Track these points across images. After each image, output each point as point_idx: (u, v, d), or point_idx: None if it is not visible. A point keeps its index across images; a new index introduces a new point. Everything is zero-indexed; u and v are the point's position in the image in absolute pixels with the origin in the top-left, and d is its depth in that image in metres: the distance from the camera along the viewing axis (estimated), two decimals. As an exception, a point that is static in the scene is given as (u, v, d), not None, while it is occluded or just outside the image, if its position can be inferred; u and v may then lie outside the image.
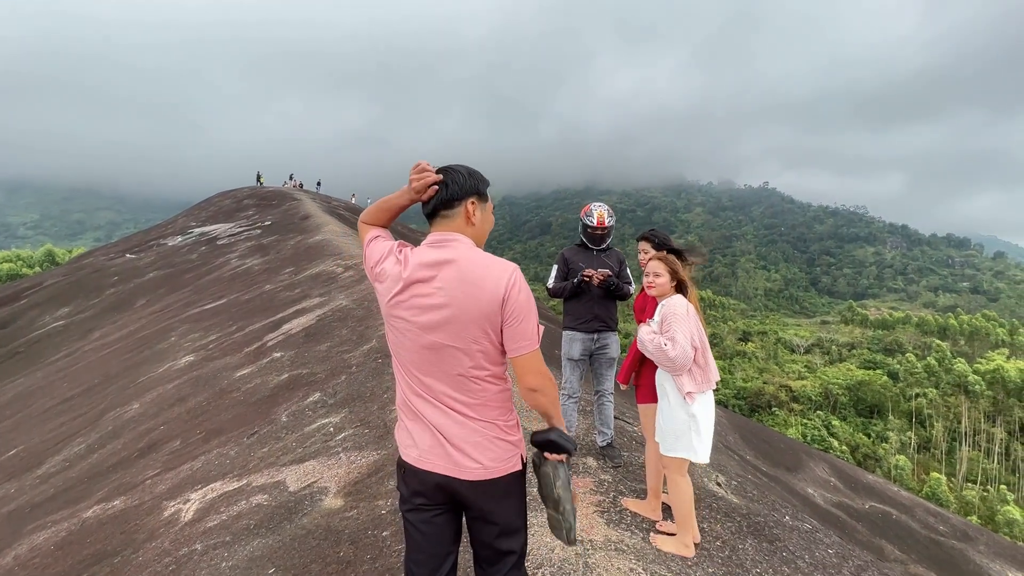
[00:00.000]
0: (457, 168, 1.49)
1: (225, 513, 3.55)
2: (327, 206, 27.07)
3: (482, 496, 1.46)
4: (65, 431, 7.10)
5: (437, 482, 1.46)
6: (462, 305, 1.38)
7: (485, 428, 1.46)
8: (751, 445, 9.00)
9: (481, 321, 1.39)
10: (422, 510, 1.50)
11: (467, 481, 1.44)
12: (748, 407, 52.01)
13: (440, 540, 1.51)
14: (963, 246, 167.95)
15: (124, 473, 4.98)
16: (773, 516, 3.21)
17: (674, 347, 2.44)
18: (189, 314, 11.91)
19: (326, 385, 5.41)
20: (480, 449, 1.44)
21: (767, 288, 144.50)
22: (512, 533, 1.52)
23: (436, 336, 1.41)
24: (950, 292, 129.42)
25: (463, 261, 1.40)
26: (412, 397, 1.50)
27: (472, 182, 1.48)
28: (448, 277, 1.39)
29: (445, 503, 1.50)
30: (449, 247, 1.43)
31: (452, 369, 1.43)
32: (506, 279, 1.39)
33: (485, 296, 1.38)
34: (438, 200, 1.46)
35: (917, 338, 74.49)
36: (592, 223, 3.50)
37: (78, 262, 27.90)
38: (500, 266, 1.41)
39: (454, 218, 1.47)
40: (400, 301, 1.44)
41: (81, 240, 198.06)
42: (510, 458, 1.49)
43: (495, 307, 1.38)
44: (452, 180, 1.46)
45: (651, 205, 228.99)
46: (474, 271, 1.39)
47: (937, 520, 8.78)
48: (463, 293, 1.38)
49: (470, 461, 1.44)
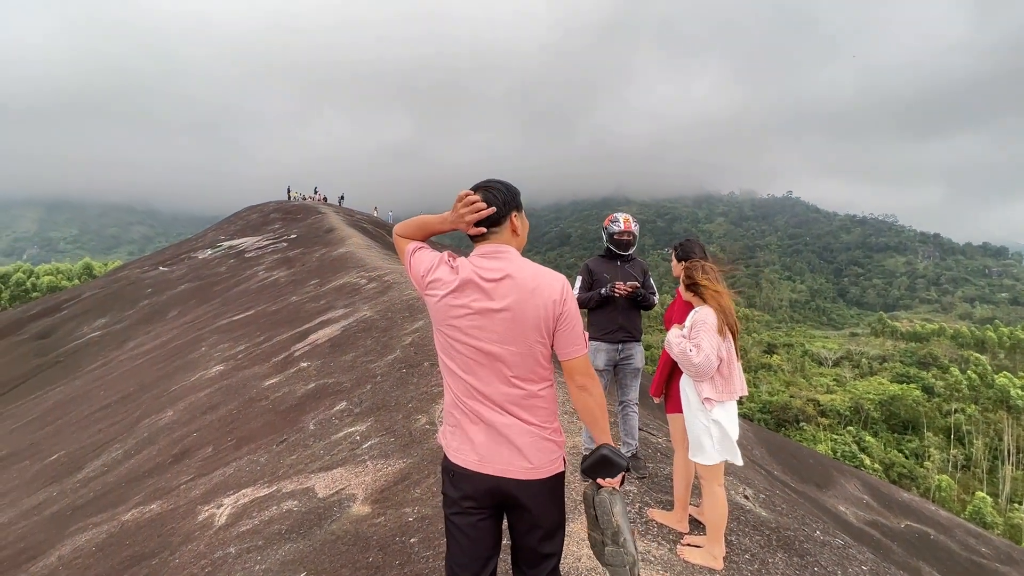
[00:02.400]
0: (495, 186, 1.55)
1: (257, 518, 3.64)
2: (350, 219, 27.65)
3: (529, 496, 1.51)
4: (103, 437, 7.38)
5: (488, 485, 1.50)
6: (519, 312, 1.45)
7: (534, 430, 1.52)
8: (779, 460, 8.78)
9: (538, 326, 1.47)
10: (469, 513, 1.53)
11: (517, 480, 1.49)
12: (775, 421, 50.51)
13: (484, 543, 1.55)
14: (1000, 255, 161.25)
15: (159, 478, 5.15)
16: (803, 530, 3.14)
17: (698, 353, 2.44)
18: (219, 325, 12.27)
19: (352, 394, 5.52)
20: (529, 450, 1.50)
21: (792, 299, 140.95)
22: (553, 535, 1.56)
23: (493, 341, 1.47)
24: (987, 303, 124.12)
25: (517, 271, 1.48)
26: (465, 400, 1.54)
27: (511, 196, 1.56)
28: (506, 285, 1.47)
29: (492, 506, 1.54)
30: (502, 258, 1.51)
31: (506, 372, 1.49)
32: (559, 288, 1.48)
33: (541, 303, 1.46)
34: (488, 223, 1.53)
35: (953, 351, 71.49)
36: (619, 228, 3.54)
37: (114, 275, 29.03)
38: (552, 276, 1.51)
39: (501, 232, 1.55)
40: (457, 306, 1.49)
41: (116, 254, 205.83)
42: (555, 459, 1.55)
43: (549, 314, 1.47)
44: (495, 200, 1.53)
45: (672, 215, 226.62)
46: (529, 280, 1.47)
47: (979, 541, 8.39)
48: (520, 300, 1.46)
49: (521, 461, 1.49)
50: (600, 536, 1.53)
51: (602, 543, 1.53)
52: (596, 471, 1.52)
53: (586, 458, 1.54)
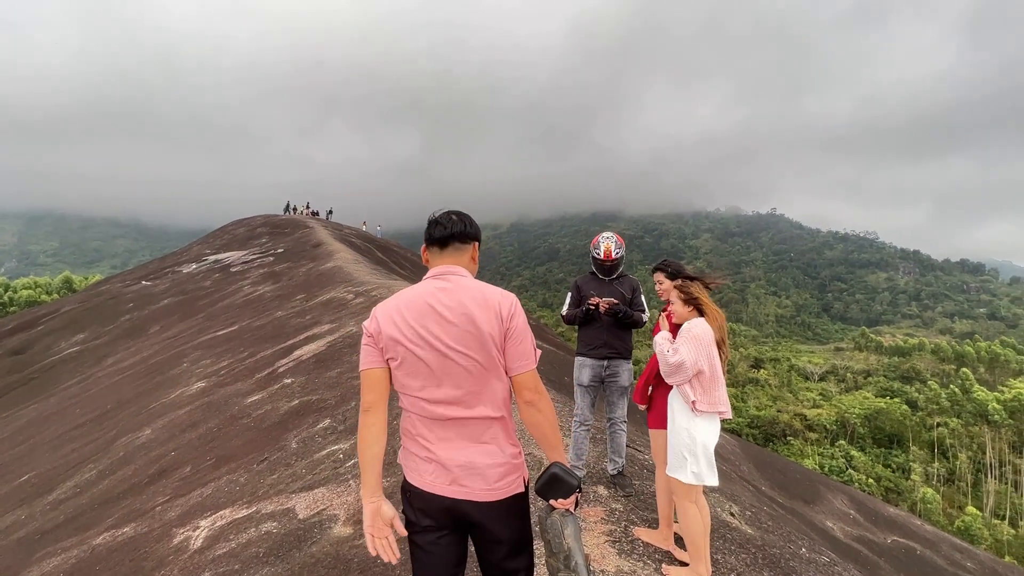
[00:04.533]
0: (467, 215, 1.67)
1: (234, 541, 3.54)
2: (339, 234, 27.52)
3: (488, 517, 1.50)
4: (77, 457, 7.14)
5: (445, 505, 1.50)
6: (469, 327, 1.49)
7: (490, 451, 1.52)
8: (766, 475, 8.78)
9: (486, 342, 1.49)
10: (429, 532, 1.53)
11: (474, 503, 1.49)
12: (762, 436, 50.65)
13: (447, 561, 1.54)
14: (978, 271, 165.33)
15: (134, 499, 4.99)
16: (789, 548, 3.13)
17: (675, 354, 2.54)
18: (201, 340, 12.04)
19: (336, 411, 5.43)
20: (485, 471, 1.50)
21: (778, 314, 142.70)
22: (518, 553, 1.55)
23: (444, 358, 1.49)
24: (967, 318, 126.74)
25: (467, 288, 1.55)
26: (417, 422, 1.56)
27: (476, 229, 1.67)
28: (454, 302, 1.51)
29: (451, 525, 1.54)
30: (452, 279, 1.58)
31: (458, 390, 1.50)
32: (507, 303, 1.53)
33: (489, 317, 1.50)
34: (455, 231, 1.61)
35: (935, 365, 72.65)
36: (599, 255, 3.55)
37: (95, 289, 28.45)
38: (500, 292, 1.56)
39: (464, 252, 1.64)
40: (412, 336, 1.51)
41: (98, 268, 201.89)
42: (514, 480, 1.54)
43: (497, 327, 1.50)
44: (467, 221, 1.64)
45: (659, 232, 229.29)
46: (477, 296, 1.53)
47: (964, 556, 8.43)
48: (469, 316, 1.49)
49: (477, 483, 1.49)
50: (555, 562, 1.47)
51: (556, 569, 1.48)
52: (548, 491, 1.48)
53: (540, 477, 1.50)
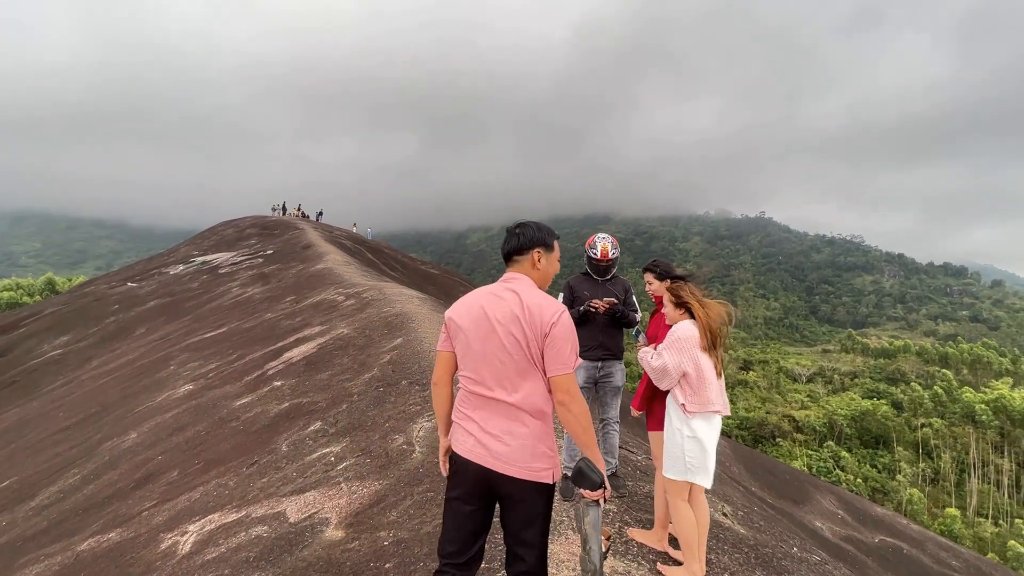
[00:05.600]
0: (530, 223, 1.91)
1: (224, 545, 3.48)
2: (329, 235, 27.34)
3: (513, 488, 1.71)
4: (60, 461, 7.00)
5: (477, 472, 1.73)
6: (520, 327, 1.73)
7: (526, 436, 1.72)
8: (756, 476, 8.85)
9: (525, 345, 1.72)
10: (463, 493, 1.77)
11: (503, 475, 1.70)
12: (752, 438, 51.09)
13: (471, 526, 1.77)
14: (960, 275, 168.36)
15: (120, 504, 4.89)
16: (781, 547, 3.16)
17: (656, 358, 2.59)
18: (189, 342, 11.88)
19: (327, 414, 5.38)
20: (518, 452, 1.71)
21: (767, 316, 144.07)
22: (533, 522, 1.71)
23: (498, 348, 1.74)
24: (950, 320, 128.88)
25: (523, 294, 1.79)
26: (465, 398, 1.82)
27: (539, 235, 1.88)
28: (512, 303, 1.77)
29: (482, 494, 1.76)
30: (513, 283, 1.83)
31: (500, 380, 1.74)
32: (553, 312, 1.74)
33: (536, 322, 1.73)
34: (511, 247, 1.88)
35: (919, 367, 73.77)
36: (596, 255, 3.55)
37: (79, 291, 27.96)
38: (551, 302, 1.78)
39: (523, 263, 1.87)
40: (477, 325, 1.79)
41: (82, 269, 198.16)
42: (543, 470, 1.72)
43: (541, 332, 1.72)
44: (523, 233, 1.87)
45: (650, 234, 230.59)
46: (530, 302, 1.76)
47: (949, 555, 8.56)
48: (521, 318, 1.73)
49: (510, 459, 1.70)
50: (580, 546, 1.73)
51: (581, 550, 1.72)
52: (577, 482, 1.71)
53: (572, 469, 1.76)
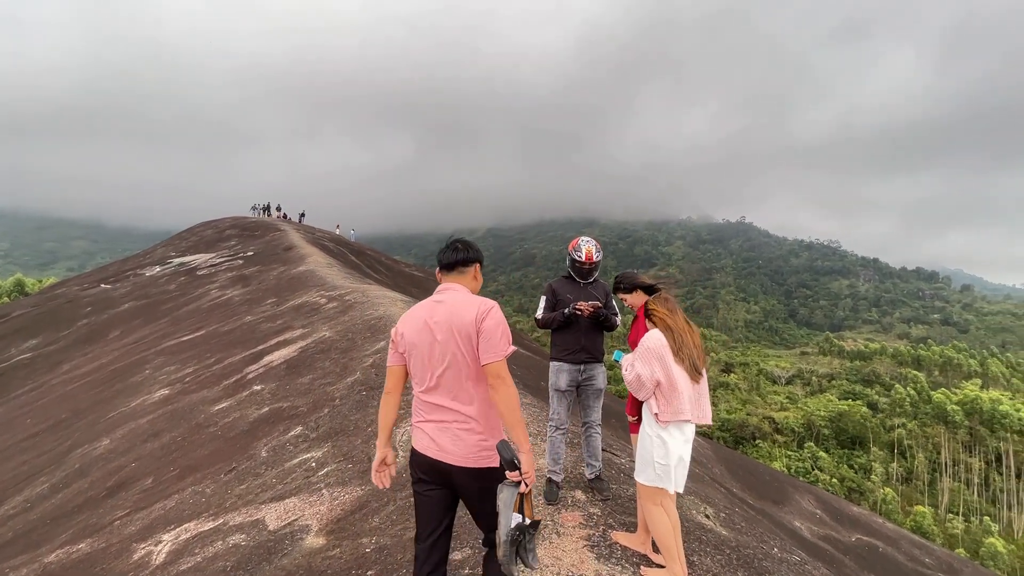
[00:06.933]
0: (470, 241, 2.16)
1: (200, 555, 3.39)
2: (311, 237, 26.97)
3: (462, 476, 1.95)
4: (27, 470, 6.75)
5: (432, 464, 1.97)
6: (454, 326, 1.95)
7: (468, 428, 1.94)
8: (737, 477, 8.97)
9: (463, 343, 1.95)
10: (423, 483, 2.02)
11: (451, 465, 1.94)
12: (733, 439, 51.84)
13: (437, 508, 2.00)
14: (932, 279, 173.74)
15: (91, 514, 4.74)
16: (762, 548, 3.20)
17: (629, 372, 2.65)
18: (165, 346, 11.59)
19: (308, 419, 5.29)
20: (461, 442, 1.93)
21: (747, 319, 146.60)
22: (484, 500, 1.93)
23: (439, 349, 1.96)
24: (922, 323, 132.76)
25: (458, 299, 2.03)
26: (417, 403, 2.04)
27: (479, 253, 2.17)
28: (446, 309, 2.00)
29: (440, 482, 2.00)
30: (448, 295, 2.05)
31: (442, 383, 1.97)
32: (484, 309, 1.97)
33: (467, 318, 1.95)
34: (459, 258, 2.10)
35: (893, 369, 75.84)
36: (580, 258, 3.56)
37: (49, 292, 27.08)
38: (480, 300, 2.02)
39: (466, 274, 2.13)
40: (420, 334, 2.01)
41: (53, 270, 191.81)
42: (485, 456, 1.93)
43: (472, 326, 1.94)
44: (469, 248, 2.13)
45: (633, 238, 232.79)
46: (463, 303, 2.01)
47: (922, 552, 8.78)
48: (454, 318, 1.96)
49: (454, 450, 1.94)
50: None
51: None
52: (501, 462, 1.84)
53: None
